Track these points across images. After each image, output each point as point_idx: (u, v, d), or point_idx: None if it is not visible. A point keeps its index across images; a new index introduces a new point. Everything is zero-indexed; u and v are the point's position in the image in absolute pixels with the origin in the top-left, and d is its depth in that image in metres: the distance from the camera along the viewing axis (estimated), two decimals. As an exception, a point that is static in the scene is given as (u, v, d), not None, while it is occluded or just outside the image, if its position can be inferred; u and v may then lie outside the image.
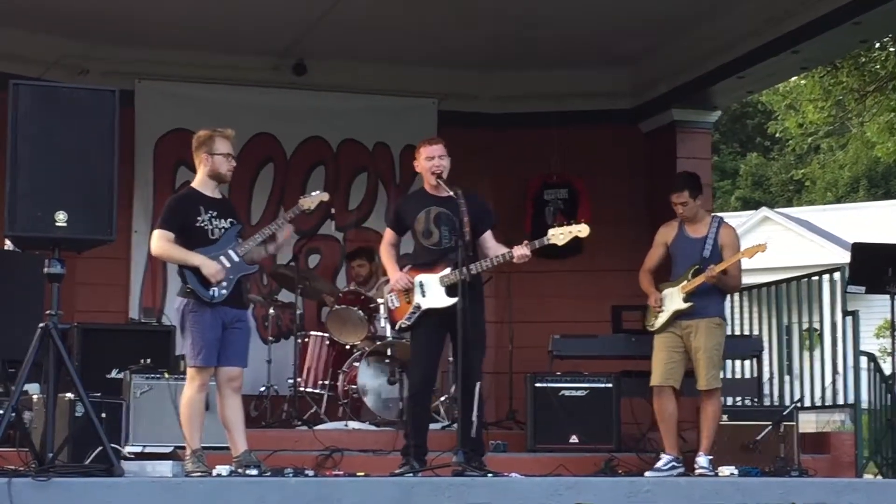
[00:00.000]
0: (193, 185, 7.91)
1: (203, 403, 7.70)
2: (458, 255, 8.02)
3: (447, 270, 8.17)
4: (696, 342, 8.90)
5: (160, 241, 7.72)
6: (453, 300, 8.05)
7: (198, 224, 7.72)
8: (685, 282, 8.94)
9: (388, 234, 8.54)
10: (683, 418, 9.11)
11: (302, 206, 8.20)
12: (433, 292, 8.20)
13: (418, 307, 8.23)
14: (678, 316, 8.95)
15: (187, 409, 7.62)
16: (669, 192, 9.15)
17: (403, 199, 9.15)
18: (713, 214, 9.36)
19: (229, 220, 7.85)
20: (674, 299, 8.99)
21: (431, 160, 8.27)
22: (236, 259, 7.76)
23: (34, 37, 11.20)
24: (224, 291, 7.66)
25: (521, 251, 8.20)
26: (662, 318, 9.02)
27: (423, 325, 8.24)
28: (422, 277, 8.24)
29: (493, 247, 8.33)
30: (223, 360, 7.68)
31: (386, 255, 8.48)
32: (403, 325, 8.35)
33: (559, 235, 8.29)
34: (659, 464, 8.86)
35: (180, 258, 7.70)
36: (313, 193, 8.30)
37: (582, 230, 8.29)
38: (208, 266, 7.63)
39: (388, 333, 10.40)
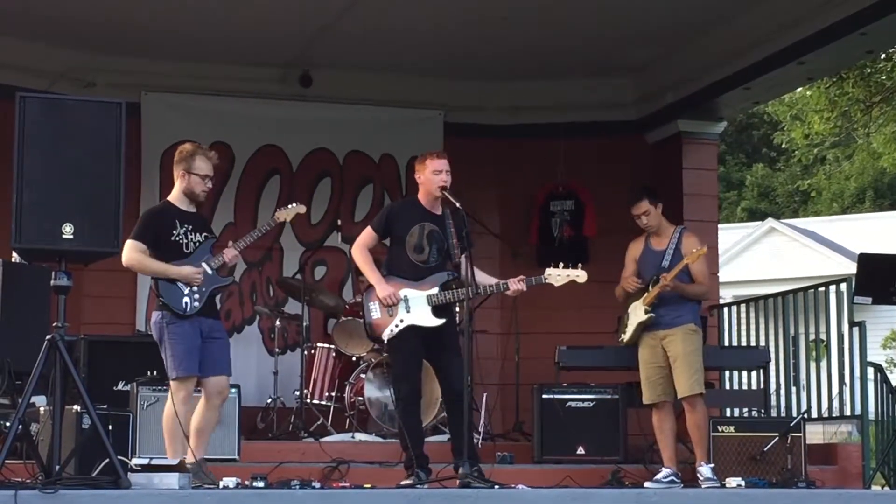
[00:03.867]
0: (170, 198, 7.92)
1: (188, 415, 7.67)
2: (462, 270, 8.11)
3: (435, 290, 8.21)
4: (675, 349, 8.90)
5: (132, 252, 7.67)
6: (440, 321, 8.16)
7: (173, 238, 7.74)
8: (646, 294, 8.98)
9: (370, 236, 8.39)
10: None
11: (279, 219, 8.27)
12: (419, 309, 8.20)
13: (402, 322, 8.22)
14: (650, 328, 8.97)
15: (171, 423, 7.60)
16: (629, 208, 9.16)
17: (396, 207, 8.81)
18: (679, 225, 9.37)
19: (204, 234, 7.90)
20: (637, 312, 9.02)
21: (439, 174, 8.26)
22: (210, 272, 7.80)
23: (41, 49, 11.23)
24: (197, 304, 7.70)
25: (517, 286, 8.32)
26: (629, 332, 9.08)
27: (405, 339, 8.21)
28: (407, 292, 8.23)
29: (471, 270, 8.28)
30: (210, 371, 7.70)
31: (365, 259, 8.35)
32: (385, 339, 8.29)
33: (556, 277, 8.40)
34: (659, 476, 8.88)
35: (154, 269, 7.71)
36: (290, 206, 8.31)
37: (580, 276, 8.38)
38: (182, 271, 7.66)
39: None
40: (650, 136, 12.45)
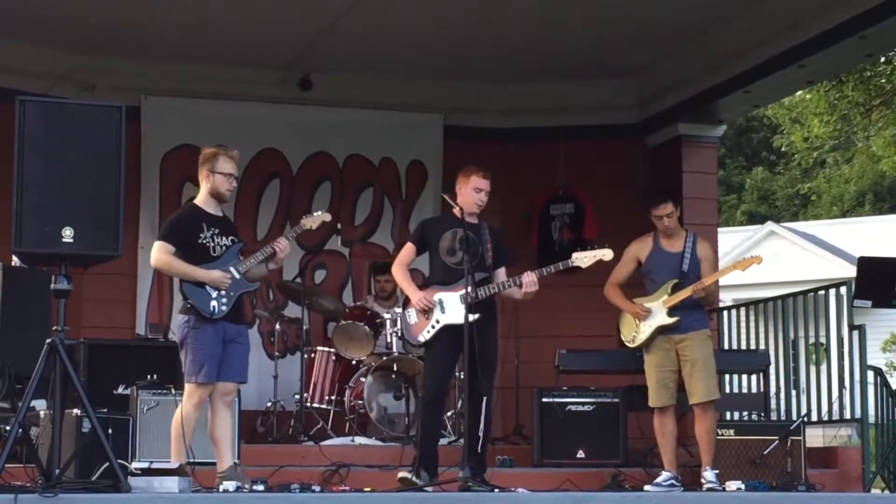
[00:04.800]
0: (196, 201, 7.94)
1: (196, 421, 7.67)
2: (466, 274, 8.19)
3: (468, 288, 8.25)
4: (693, 354, 8.89)
5: (161, 254, 7.73)
6: (473, 317, 8.19)
7: (200, 241, 7.75)
8: (665, 296, 8.94)
9: (409, 252, 8.62)
10: (692, 433, 9.09)
11: (304, 226, 8.29)
12: (453, 309, 8.31)
13: (437, 322, 8.33)
14: (663, 331, 8.95)
15: (180, 426, 7.59)
16: (649, 208, 9.13)
17: (430, 219, 9.43)
18: (686, 229, 9.37)
19: (231, 237, 7.89)
20: (657, 314, 8.98)
21: (479, 192, 8.47)
22: (237, 276, 7.80)
23: (41, 52, 11.23)
24: (224, 308, 7.70)
25: (530, 277, 8.40)
26: (645, 334, 9.00)
27: (440, 341, 8.36)
28: (441, 295, 8.37)
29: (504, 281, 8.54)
30: (220, 375, 7.69)
31: (402, 273, 8.58)
32: (422, 340, 8.43)
33: (584, 259, 8.42)
34: (659, 479, 8.87)
35: (183, 271, 7.73)
36: (316, 213, 8.36)
37: (606, 254, 8.48)
38: (210, 275, 7.66)
39: (395, 347, 10.48)
40: (650, 139, 12.44)
